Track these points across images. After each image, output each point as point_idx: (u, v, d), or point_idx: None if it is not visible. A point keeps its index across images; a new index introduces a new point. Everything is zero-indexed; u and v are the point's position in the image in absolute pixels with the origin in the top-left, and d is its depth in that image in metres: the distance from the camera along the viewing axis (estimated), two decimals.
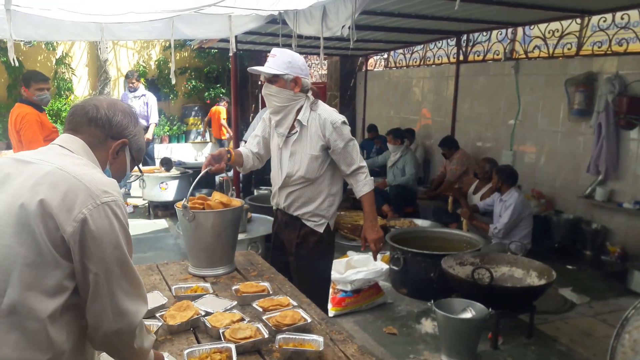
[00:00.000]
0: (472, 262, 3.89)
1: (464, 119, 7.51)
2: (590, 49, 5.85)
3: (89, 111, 1.47)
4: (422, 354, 3.38)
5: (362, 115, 10.00)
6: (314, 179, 2.80)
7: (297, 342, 1.91)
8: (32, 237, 1.24)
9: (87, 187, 1.29)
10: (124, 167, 1.57)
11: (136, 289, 1.38)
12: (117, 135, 1.50)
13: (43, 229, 1.24)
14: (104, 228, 1.29)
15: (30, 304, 1.25)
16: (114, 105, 1.52)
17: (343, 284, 3.90)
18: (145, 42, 11.39)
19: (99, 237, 1.28)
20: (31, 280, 1.25)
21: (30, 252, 1.24)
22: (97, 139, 1.47)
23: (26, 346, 1.26)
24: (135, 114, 1.59)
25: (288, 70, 2.66)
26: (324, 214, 2.85)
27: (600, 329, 3.82)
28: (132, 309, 1.35)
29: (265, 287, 2.40)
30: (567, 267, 5.09)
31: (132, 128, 1.54)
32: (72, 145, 1.43)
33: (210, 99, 11.77)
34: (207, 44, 7.63)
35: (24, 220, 1.25)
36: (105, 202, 1.30)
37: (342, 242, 5.78)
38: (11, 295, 1.25)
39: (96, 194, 1.29)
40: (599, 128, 5.36)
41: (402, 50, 9.08)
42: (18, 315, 1.25)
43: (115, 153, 1.51)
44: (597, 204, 5.54)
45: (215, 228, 2.56)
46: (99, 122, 1.47)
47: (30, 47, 9.97)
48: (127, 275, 1.35)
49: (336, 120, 2.76)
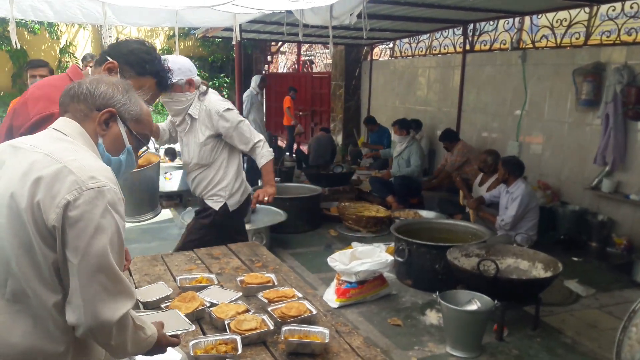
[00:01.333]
0: (478, 253, 3.87)
1: (470, 109, 7.46)
2: (598, 38, 5.78)
3: (71, 88, 1.46)
4: (426, 346, 3.38)
5: (367, 105, 9.94)
6: (209, 164, 3.18)
7: (302, 334, 1.91)
8: (23, 228, 1.23)
9: (73, 173, 1.25)
10: (119, 139, 1.48)
11: (117, 284, 1.27)
12: (102, 106, 1.44)
13: (31, 220, 1.22)
14: (85, 215, 1.22)
15: (33, 293, 1.25)
16: (99, 79, 1.48)
17: (348, 275, 3.89)
18: (149, 31, 11.35)
19: (77, 224, 1.22)
20: (29, 270, 1.24)
21: (24, 242, 1.23)
22: (82, 112, 1.43)
23: (36, 334, 1.26)
24: (127, 84, 1.52)
25: (180, 75, 2.92)
26: (222, 193, 3.20)
27: (605, 321, 3.81)
28: (108, 306, 1.25)
29: (270, 279, 2.39)
30: (572, 258, 5.06)
31: (120, 97, 1.46)
32: (67, 129, 1.40)
33: (215, 88, 11.73)
34: (211, 33, 7.59)
35: (15, 210, 1.23)
36: (91, 188, 1.24)
37: (346, 233, 5.78)
38: (12, 285, 1.25)
39: (82, 179, 1.24)
40: (606, 119, 5.31)
41: (408, 40, 9.00)
42: (23, 304, 1.25)
43: (103, 124, 1.44)
44: (604, 196, 5.50)
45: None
46: (81, 96, 1.43)
47: (35, 36, 9.95)
48: (105, 269, 1.25)
49: (220, 108, 3.06)
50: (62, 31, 10.36)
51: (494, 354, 3.28)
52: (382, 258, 3.93)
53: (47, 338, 1.27)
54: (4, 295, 1.26)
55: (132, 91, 1.52)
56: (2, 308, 1.26)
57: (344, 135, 10.34)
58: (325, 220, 6.20)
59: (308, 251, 5.24)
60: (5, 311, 1.26)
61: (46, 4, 4.41)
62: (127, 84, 1.53)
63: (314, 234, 5.83)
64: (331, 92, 10.53)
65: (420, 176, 6.77)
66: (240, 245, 3.00)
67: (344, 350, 1.86)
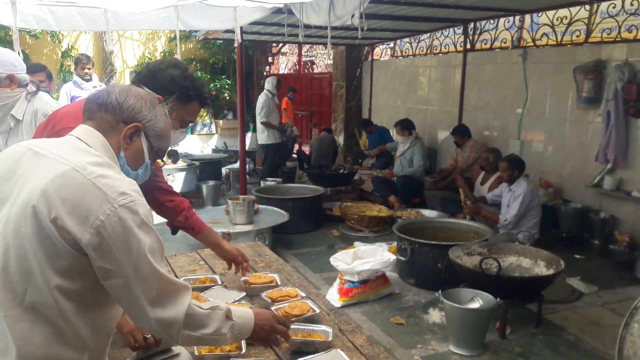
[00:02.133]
0: (480, 252, 3.88)
1: (471, 107, 7.47)
2: (599, 36, 5.79)
3: (100, 96, 1.43)
4: (429, 344, 3.39)
5: (369, 105, 9.96)
6: None
7: (306, 333, 1.92)
8: (50, 241, 1.22)
9: (102, 192, 1.24)
10: (140, 154, 1.48)
11: (171, 284, 1.34)
12: (129, 120, 1.43)
13: (58, 234, 1.21)
14: (123, 232, 1.24)
15: (52, 302, 1.24)
16: (128, 90, 1.46)
17: (350, 275, 3.90)
18: (151, 33, 11.38)
19: (119, 243, 1.23)
20: (52, 280, 1.23)
21: (49, 253, 1.22)
22: (108, 123, 1.41)
23: (55, 342, 1.26)
24: (154, 99, 1.51)
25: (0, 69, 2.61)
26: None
27: (608, 318, 3.81)
28: (171, 303, 1.32)
29: (273, 279, 2.41)
30: (575, 256, 5.07)
31: (147, 112, 1.45)
32: (91, 139, 1.38)
33: (216, 90, 11.76)
34: (212, 35, 7.62)
35: (39, 222, 1.22)
36: (122, 204, 1.24)
37: (348, 233, 5.79)
38: (32, 294, 1.24)
39: (113, 197, 1.24)
40: (607, 116, 5.32)
41: (409, 39, 9.02)
42: (42, 312, 1.25)
43: (127, 138, 1.43)
44: (606, 193, 5.51)
45: None
46: (109, 106, 1.41)
47: (36, 40, 9.98)
48: (156, 274, 1.30)
49: (47, 111, 2.71)
50: (63, 35, 10.39)
51: (496, 351, 3.29)
52: (385, 257, 3.94)
53: (66, 346, 1.27)
54: (22, 303, 1.25)
55: (158, 106, 1.52)
56: (20, 315, 1.25)
57: (346, 136, 10.36)
58: (327, 221, 6.22)
59: (311, 251, 5.26)
60: (23, 319, 1.25)
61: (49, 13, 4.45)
62: (153, 97, 1.52)
63: (316, 234, 5.85)
64: (332, 92, 10.55)
65: (422, 176, 6.78)
66: (243, 246, 3.02)
67: (347, 349, 1.87)
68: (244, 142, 6.49)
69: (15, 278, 1.24)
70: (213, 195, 6.98)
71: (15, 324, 1.24)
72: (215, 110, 12.28)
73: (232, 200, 4.98)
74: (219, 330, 1.43)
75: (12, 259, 1.24)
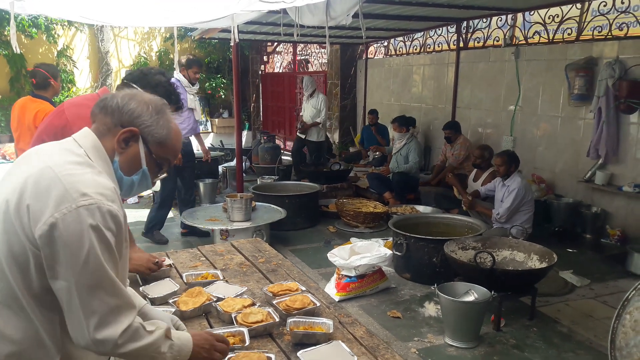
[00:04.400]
0: (474, 246, 3.96)
1: (464, 105, 7.55)
2: (590, 33, 5.87)
3: (104, 100, 1.44)
4: (426, 337, 3.46)
5: (363, 103, 10.02)
6: None
7: (307, 325, 1.97)
8: (15, 235, 1.22)
9: (65, 189, 1.22)
10: (136, 159, 1.44)
11: (116, 298, 1.26)
12: (127, 124, 1.40)
13: (20, 228, 1.22)
14: (76, 233, 1.20)
15: (21, 300, 1.25)
16: (132, 95, 1.45)
17: (347, 270, 3.97)
18: (146, 33, 11.38)
19: (69, 243, 1.19)
20: (17, 277, 1.24)
21: (14, 250, 1.23)
22: (106, 126, 1.40)
23: (27, 340, 1.27)
24: (161, 106, 1.48)
25: None
26: None
27: (600, 310, 3.90)
28: (110, 320, 1.25)
29: (297, 286, 2.32)
30: (567, 250, 5.15)
31: (147, 118, 1.42)
32: (83, 140, 1.39)
33: (212, 89, 11.78)
34: (208, 35, 7.64)
35: (7, 217, 1.23)
36: (81, 205, 1.21)
37: (344, 229, 5.86)
38: (2, 289, 1.26)
39: (73, 196, 1.21)
40: (599, 112, 5.40)
41: (402, 38, 9.08)
42: (14, 309, 1.26)
43: (122, 142, 1.40)
44: (597, 188, 5.60)
45: None
46: (109, 109, 1.41)
47: (32, 40, 9.96)
48: (104, 284, 1.24)
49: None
50: (59, 35, 10.38)
51: (491, 343, 3.36)
52: (381, 252, 4.00)
53: (38, 346, 1.28)
54: None
55: (165, 113, 1.48)
56: None
57: (341, 134, 10.42)
58: (323, 217, 6.29)
59: (308, 247, 5.32)
60: None
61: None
62: (161, 104, 1.49)
63: (313, 231, 5.92)
64: (327, 90, 10.60)
65: (417, 172, 6.85)
66: (243, 242, 3.07)
67: (347, 340, 1.92)
68: (240, 140, 6.53)
69: None
70: (210, 193, 7.03)
71: None
72: (210, 109, 12.31)
73: (230, 197, 5.03)
74: (158, 347, 1.36)
75: None
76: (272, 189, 6.45)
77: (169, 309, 2.04)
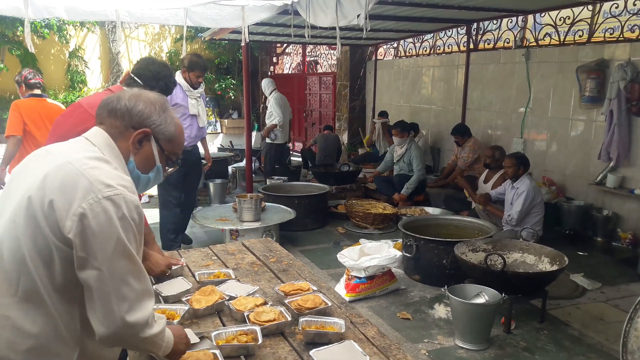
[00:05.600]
0: (485, 248, 3.95)
1: (474, 107, 7.53)
2: (601, 35, 5.84)
3: (109, 103, 1.47)
4: (435, 339, 3.45)
5: (372, 104, 10.02)
6: None
7: (319, 325, 1.98)
8: (39, 230, 1.26)
9: (89, 182, 1.26)
10: (150, 158, 1.52)
11: (143, 284, 1.33)
12: (138, 125, 1.46)
13: (45, 222, 1.25)
14: (105, 223, 1.25)
15: (43, 293, 1.28)
16: (138, 96, 1.49)
17: (357, 271, 3.97)
18: (157, 34, 11.46)
19: (99, 232, 1.24)
20: (42, 271, 1.27)
21: (38, 243, 1.26)
22: (118, 129, 1.45)
23: (46, 334, 1.29)
24: (165, 103, 1.54)
25: None
26: None
27: (612, 314, 3.87)
28: (138, 306, 1.30)
29: (309, 286, 2.35)
30: (578, 253, 5.13)
31: (156, 117, 1.49)
32: (96, 139, 1.43)
33: (221, 89, 11.84)
34: (218, 36, 7.68)
35: (31, 212, 1.26)
36: (106, 196, 1.26)
37: (354, 230, 5.86)
38: (25, 284, 1.28)
39: (98, 188, 1.26)
40: (610, 115, 5.37)
41: (412, 39, 9.08)
42: (35, 303, 1.29)
43: (137, 143, 1.47)
44: (609, 191, 5.56)
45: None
46: (118, 112, 1.45)
47: (44, 41, 10.05)
48: (132, 271, 1.30)
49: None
50: (70, 35, 10.47)
51: (502, 346, 3.35)
52: (391, 253, 4.01)
53: (57, 339, 1.31)
54: (16, 293, 1.29)
55: (169, 110, 1.54)
56: (14, 304, 1.29)
57: (350, 135, 10.42)
58: (332, 218, 6.30)
59: (317, 248, 5.33)
60: (16, 308, 1.29)
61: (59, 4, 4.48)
62: (164, 102, 1.54)
63: (322, 231, 5.93)
64: (336, 92, 10.61)
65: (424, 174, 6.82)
66: (254, 242, 3.09)
67: (359, 340, 1.93)
68: (250, 141, 6.56)
69: (9, 267, 1.29)
70: (220, 193, 7.07)
71: (9, 311, 1.28)
72: (220, 109, 12.36)
73: (240, 197, 5.05)
74: (163, 336, 1.43)
75: (6, 248, 1.30)
76: (281, 189, 6.47)
77: (182, 307, 2.06)
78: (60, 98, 10.55)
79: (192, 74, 4.83)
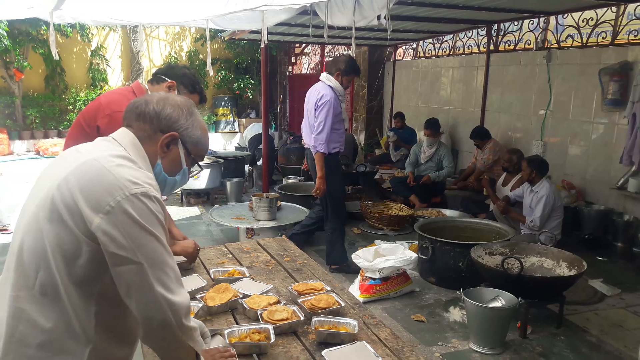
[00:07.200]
0: (502, 251, 3.90)
1: (494, 109, 7.45)
2: (625, 37, 5.74)
3: (138, 106, 1.49)
4: (450, 342, 3.43)
5: (390, 105, 9.98)
6: None
7: (332, 325, 1.98)
8: (62, 224, 1.27)
9: (115, 178, 1.29)
10: (177, 161, 1.54)
11: (176, 271, 1.37)
12: (167, 129, 1.48)
13: (70, 218, 1.27)
14: (134, 219, 1.27)
15: (60, 287, 1.29)
16: (165, 100, 1.51)
17: (372, 272, 3.96)
18: (177, 34, 11.58)
19: (129, 229, 1.27)
20: (62, 266, 1.28)
21: (60, 238, 1.28)
22: (146, 132, 1.47)
23: (59, 330, 1.31)
24: (191, 106, 1.56)
25: None
26: None
27: (631, 320, 3.80)
28: (178, 290, 1.36)
29: (322, 286, 2.35)
30: (597, 258, 5.04)
31: (184, 121, 1.51)
32: (123, 139, 1.45)
33: (240, 89, 11.90)
34: (238, 36, 7.72)
35: (55, 206, 1.28)
36: (134, 193, 1.29)
37: (369, 231, 5.84)
38: (42, 277, 1.30)
39: (125, 185, 1.28)
40: (633, 118, 5.26)
41: (431, 40, 9.02)
42: (51, 298, 1.30)
43: (165, 146, 1.49)
44: (630, 195, 5.46)
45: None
46: (147, 116, 1.47)
47: (67, 39, 10.22)
48: (167, 261, 1.34)
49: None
50: (93, 34, 10.63)
51: (517, 351, 3.32)
52: (406, 255, 3.98)
53: (69, 336, 1.31)
54: (33, 286, 1.30)
55: (196, 113, 1.56)
56: (30, 298, 1.30)
57: (367, 136, 10.40)
58: (348, 219, 6.26)
59: None
60: (32, 301, 1.30)
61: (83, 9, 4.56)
62: (191, 105, 1.56)
63: None
64: (354, 92, 10.60)
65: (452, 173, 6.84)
66: (269, 241, 3.10)
67: (372, 341, 1.93)
68: (267, 140, 6.58)
69: (27, 260, 1.31)
70: (237, 192, 7.12)
71: (24, 304, 1.30)
72: (238, 109, 12.43)
73: (256, 196, 5.07)
74: (197, 332, 1.47)
75: (27, 242, 1.32)
76: (297, 189, 6.47)
77: (196, 304, 2.08)
78: (82, 96, 10.72)
79: (346, 78, 4.45)
